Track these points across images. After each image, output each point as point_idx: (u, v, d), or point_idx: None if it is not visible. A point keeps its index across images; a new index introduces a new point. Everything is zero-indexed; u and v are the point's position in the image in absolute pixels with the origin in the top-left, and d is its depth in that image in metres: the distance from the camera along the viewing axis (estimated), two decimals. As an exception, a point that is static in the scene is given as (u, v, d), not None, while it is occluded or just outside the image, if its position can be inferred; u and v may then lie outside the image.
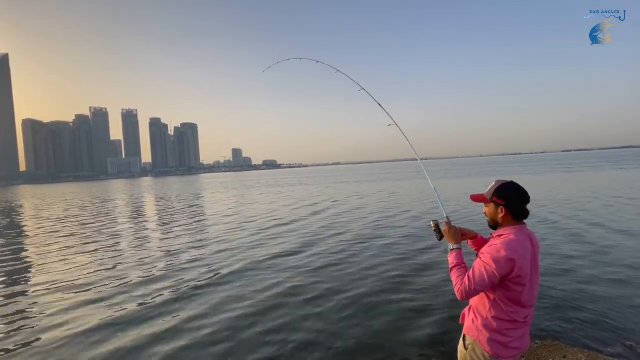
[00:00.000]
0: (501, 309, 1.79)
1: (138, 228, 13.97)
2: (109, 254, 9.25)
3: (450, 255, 1.97)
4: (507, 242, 1.74)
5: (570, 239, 7.98)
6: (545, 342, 3.65)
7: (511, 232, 1.79)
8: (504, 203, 1.81)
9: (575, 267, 6.04)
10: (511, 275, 1.72)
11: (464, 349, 1.94)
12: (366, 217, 12.91)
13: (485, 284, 1.74)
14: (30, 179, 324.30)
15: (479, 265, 1.77)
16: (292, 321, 4.61)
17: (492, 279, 1.72)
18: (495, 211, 1.85)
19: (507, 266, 1.70)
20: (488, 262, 1.73)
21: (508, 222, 1.83)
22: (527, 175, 31.69)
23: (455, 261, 1.92)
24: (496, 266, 1.70)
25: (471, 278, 1.77)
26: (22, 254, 10.05)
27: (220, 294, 5.78)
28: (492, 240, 1.87)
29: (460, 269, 1.88)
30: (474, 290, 1.76)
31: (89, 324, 4.87)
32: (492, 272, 1.71)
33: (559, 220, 10.20)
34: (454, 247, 1.99)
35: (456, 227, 2.07)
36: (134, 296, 5.89)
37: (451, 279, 1.89)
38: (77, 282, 6.87)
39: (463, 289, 1.78)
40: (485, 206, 1.94)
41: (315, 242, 9.27)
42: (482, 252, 1.82)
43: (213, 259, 8.08)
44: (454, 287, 1.84)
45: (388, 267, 6.67)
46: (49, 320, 5.08)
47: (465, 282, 1.78)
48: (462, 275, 1.83)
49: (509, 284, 1.75)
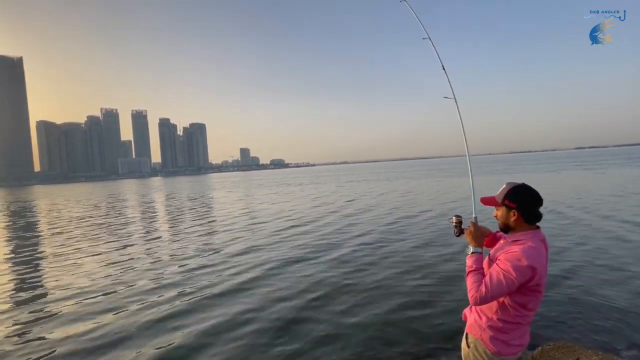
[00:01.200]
0: (509, 312, 1.78)
1: (166, 227, 14.09)
2: (134, 253, 9.40)
3: (469, 257, 1.90)
4: (526, 249, 1.69)
5: (609, 240, 7.70)
6: (558, 344, 3.62)
7: (528, 238, 1.75)
8: (516, 206, 1.78)
9: (594, 268, 5.95)
10: (530, 283, 1.70)
11: (466, 346, 1.95)
12: (384, 217, 12.56)
13: (502, 292, 1.71)
14: (45, 179, 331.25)
15: (496, 272, 1.71)
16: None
17: (511, 287, 1.69)
18: (507, 215, 1.81)
19: (526, 274, 1.67)
20: (508, 270, 1.68)
21: (521, 226, 1.79)
22: (547, 174, 30.86)
23: (474, 265, 1.85)
24: (516, 274, 1.66)
25: (488, 285, 1.71)
26: (55, 251, 10.26)
27: (248, 297, 5.64)
28: (507, 245, 1.81)
29: (477, 274, 1.82)
30: (490, 298, 1.72)
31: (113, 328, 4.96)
32: (512, 281, 1.67)
33: (591, 219, 9.98)
34: (474, 250, 1.91)
35: (481, 229, 1.99)
36: (170, 295, 5.90)
37: (466, 282, 1.84)
38: (98, 285, 6.81)
39: (478, 296, 1.73)
40: (495, 209, 1.90)
41: (337, 244, 8.96)
42: (498, 258, 1.76)
43: (240, 259, 7.96)
44: (468, 292, 1.80)
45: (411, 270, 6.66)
46: (82, 316, 5.21)
47: (481, 290, 1.73)
48: (479, 281, 1.77)
49: (525, 291, 1.74)
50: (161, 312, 5.21)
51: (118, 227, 14.68)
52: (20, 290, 6.81)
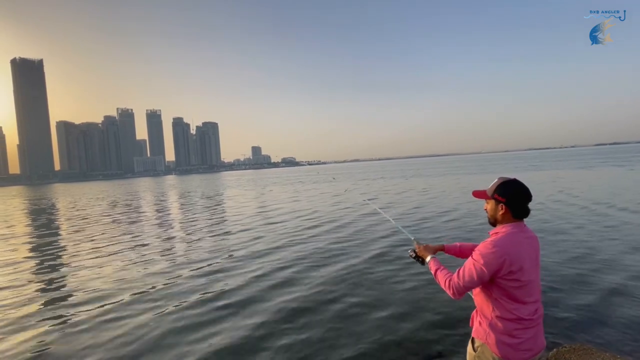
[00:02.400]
0: (503, 307, 1.77)
1: (191, 224, 13.99)
2: (164, 249, 9.47)
3: (429, 264, 2.04)
4: (498, 238, 1.75)
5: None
6: (573, 346, 3.50)
7: (505, 230, 1.79)
8: (505, 200, 1.79)
9: (620, 268, 5.75)
10: (501, 271, 1.70)
11: (472, 351, 1.92)
12: (411, 215, 12.28)
13: (474, 280, 1.74)
14: (64, 178, 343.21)
15: (469, 262, 1.79)
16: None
17: (481, 275, 1.72)
18: (496, 208, 1.84)
19: (495, 262, 1.69)
20: (477, 258, 1.74)
21: (507, 220, 1.81)
22: (581, 171, 30.01)
23: (435, 266, 1.98)
24: (484, 262, 1.70)
25: (460, 274, 1.79)
26: (88, 247, 10.58)
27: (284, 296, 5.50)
28: (486, 238, 1.85)
29: (442, 270, 1.93)
30: (464, 287, 1.78)
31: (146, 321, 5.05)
32: (480, 268, 1.71)
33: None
34: (429, 257, 2.07)
35: (426, 245, 2.18)
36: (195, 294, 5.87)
37: (439, 283, 1.92)
38: (125, 285, 6.79)
39: (453, 285, 1.80)
40: (486, 202, 1.92)
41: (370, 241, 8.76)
42: (475, 249, 1.82)
43: (282, 258, 7.66)
44: (443, 288, 1.87)
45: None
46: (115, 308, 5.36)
47: (454, 279, 1.81)
48: (448, 274, 1.87)
49: (501, 281, 1.74)
50: (203, 313, 5.04)
51: (145, 225, 14.72)
52: (50, 289, 6.84)
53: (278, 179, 55.42)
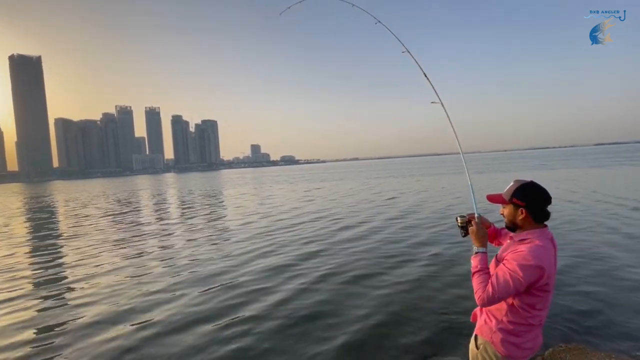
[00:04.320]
0: (519, 313, 1.75)
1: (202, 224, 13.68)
2: (173, 249, 9.24)
3: (474, 258, 1.87)
4: (533, 248, 1.66)
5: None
6: (569, 346, 3.55)
7: (535, 237, 1.71)
8: (525, 204, 1.73)
9: (615, 267, 5.80)
10: (538, 283, 1.66)
11: (475, 348, 1.92)
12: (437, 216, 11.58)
13: (509, 292, 1.67)
14: (63, 175, 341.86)
15: (503, 272, 1.68)
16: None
17: (518, 287, 1.65)
18: (515, 213, 1.77)
19: (534, 274, 1.63)
20: (515, 270, 1.64)
21: (529, 225, 1.76)
22: (596, 169, 29.40)
23: (479, 265, 1.83)
24: (523, 274, 1.62)
25: (495, 286, 1.68)
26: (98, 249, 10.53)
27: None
28: (514, 244, 1.77)
29: (483, 274, 1.79)
30: (497, 299, 1.70)
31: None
32: (519, 281, 1.63)
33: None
34: (479, 250, 1.89)
35: (484, 229, 1.96)
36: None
37: (472, 283, 1.81)
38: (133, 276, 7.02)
39: (485, 297, 1.70)
40: (502, 207, 1.86)
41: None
42: (505, 258, 1.74)
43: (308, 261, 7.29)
44: (474, 292, 1.77)
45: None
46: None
47: (488, 290, 1.70)
48: (485, 281, 1.75)
49: (533, 291, 1.69)
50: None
51: (153, 225, 14.37)
52: (58, 285, 6.84)
53: (282, 177, 53.99)
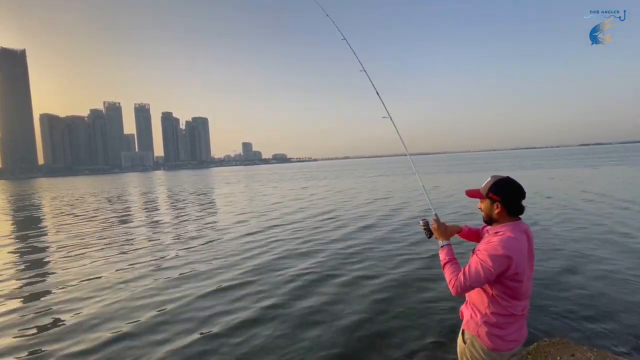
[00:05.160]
0: (499, 304, 1.80)
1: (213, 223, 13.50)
2: (179, 249, 8.81)
3: (441, 251, 1.97)
4: (504, 239, 1.74)
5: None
6: (553, 340, 3.61)
7: (508, 229, 1.79)
8: (500, 199, 1.81)
9: (589, 265, 5.94)
10: (508, 272, 1.72)
11: (462, 343, 1.96)
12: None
13: (480, 281, 1.74)
14: (48, 172, 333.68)
15: (475, 261, 1.77)
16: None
17: (488, 275, 1.72)
18: (491, 207, 1.85)
19: (503, 263, 1.70)
20: (484, 259, 1.73)
21: (504, 218, 1.83)
22: (586, 169, 30.25)
23: (447, 257, 1.92)
24: (492, 263, 1.70)
25: (466, 274, 1.76)
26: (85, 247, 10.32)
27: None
28: (488, 237, 1.85)
29: (453, 264, 1.88)
30: (469, 287, 1.77)
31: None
32: (488, 269, 1.71)
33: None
34: (443, 243, 1.98)
35: (445, 224, 2.07)
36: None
37: (444, 275, 1.89)
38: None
39: (458, 285, 1.78)
40: (480, 202, 1.93)
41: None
42: (478, 248, 1.82)
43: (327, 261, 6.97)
44: (448, 283, 1.84)
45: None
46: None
47: (460, 278, 1.78)
48: (456, 270, 1.83)
49: (505, 281, 1.76)
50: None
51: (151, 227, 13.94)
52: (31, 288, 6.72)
53: (276, 176, 52.85)
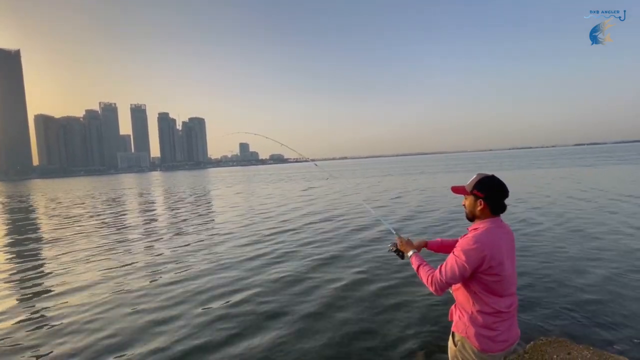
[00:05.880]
0: (482, 301, 1.81)
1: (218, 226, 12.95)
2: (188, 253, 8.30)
3: (411, 260, 2.04)
4: (478, 234, 1.78)
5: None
6: (549, 339, 3.60)
7: (484, 225, 1.82)
8: (484, 196, 1.83)
9: (589, 264, 5.94)
10: (482, 267, 1.74)
11: (453, 345, 1.96)
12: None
13: (455, 276, 1.77)
14: (43, 173, 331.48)
15: (451, 258, 1.82)
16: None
17: (462, 271, 1.75)
18: (474, 204, 1.86)
19: (476, 258, 1.72)
20: (459, 255, 1.77)
21: (485, 215, 1.85)
22: (587, 168, 30.50)
23: (417, 262, 1.99)
24: (465, 258, 1.73)
25: (442, 271, 1.81)
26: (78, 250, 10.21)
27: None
28: (466, 234, 1.88)
29: (425, 266, 1.94)
30: (446, 283, 1.80)
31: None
32: (462, 264, 1.74)
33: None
34: (411, 252, 2.07)
35: (406, 238, 2.19)
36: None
37: (421, 279, 1.93)
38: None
39: (435, 282, 1.82)
40: (464, 198, 1.95)
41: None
42: (456, 245, 1.85)
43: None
44: (426, 284, 1.89)
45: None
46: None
47: (436, 275, 1.82)
48: (430, 270, 1.89)
49: (481, 276, 1.77)
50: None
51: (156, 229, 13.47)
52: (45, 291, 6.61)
53: (278, 176, 51.24)
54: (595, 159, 47.16)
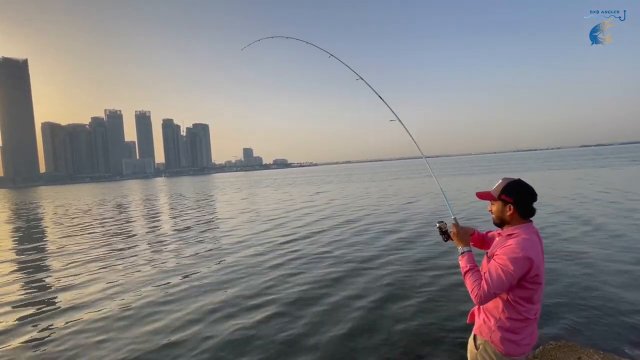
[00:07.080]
0: (514, 308, 1.77)
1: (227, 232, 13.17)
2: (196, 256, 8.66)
3: (461, 259, 1.91)
4: (521, 241, 1.71)
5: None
6: (559, 343, 3.61)
7: (522, 231, 1.77)
8: (513, 201, 1.79)
9: (599, 266, 5.92)
10: (528, 274, 1.70)
11: (474, 348, 1.92)
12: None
13: (504, 287, 1.70)
14: (50, 180, 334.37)
15: (495, 267, 1.72)
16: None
17: (511, 280, 1.69)
18: (503, 209, 1.82)
19: (524, 266, 1.67)
20: (505, 263, 1.69)
21: (516, 220, 1.81)
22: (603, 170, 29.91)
23: (468, 265, 1.86)
24: (514, 267, 1.66)
25: (489, 281, 1.71)
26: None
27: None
28: (503, 240, 1.82)
29: (474, 272, 1.82)
30: (493, 294, 1.72)
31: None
32: (510, 273, 1.67)
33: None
34: (464, 249, 1.93)
35: (465, 228, 2.02)
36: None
37: (465, 284, 1.83)
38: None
39: (482, 294, 1.72)
40: (491, 204, 1.91)
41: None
42: (495, 253, 1.78)
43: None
44: (470, 292, 1.78)
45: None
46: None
47: (483, 287, 1.72)
48: (478, 279, 1.77)
49: (525, 284, 1.73)
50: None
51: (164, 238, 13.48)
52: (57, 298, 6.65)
53: (283, 182, 50.03)
54: (613, 159, 46.36)
